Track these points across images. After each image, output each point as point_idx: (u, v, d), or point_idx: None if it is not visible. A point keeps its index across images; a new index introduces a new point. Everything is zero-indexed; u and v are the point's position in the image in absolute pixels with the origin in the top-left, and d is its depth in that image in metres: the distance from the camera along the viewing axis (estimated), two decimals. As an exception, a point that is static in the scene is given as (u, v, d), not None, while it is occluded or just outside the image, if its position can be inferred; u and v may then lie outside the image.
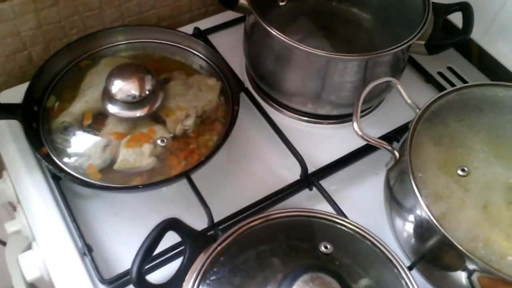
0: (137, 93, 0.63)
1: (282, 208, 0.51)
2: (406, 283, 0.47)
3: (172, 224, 0.47)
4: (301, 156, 0.68)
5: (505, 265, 0.50)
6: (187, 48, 0.74)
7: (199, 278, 0.45)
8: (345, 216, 0.63)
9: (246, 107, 0.75)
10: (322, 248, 0.46)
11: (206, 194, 0.63)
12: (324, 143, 0.74)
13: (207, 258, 0.46)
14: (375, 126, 0.74)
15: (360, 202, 0.68)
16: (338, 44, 0.76)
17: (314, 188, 0.68)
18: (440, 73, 0.84)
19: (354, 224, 0.50)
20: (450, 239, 0.49)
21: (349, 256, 0.48)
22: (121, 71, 0.64)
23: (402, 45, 0.66)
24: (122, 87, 0.62)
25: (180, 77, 0.70)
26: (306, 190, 0.69)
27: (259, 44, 0.73)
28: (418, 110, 0.58)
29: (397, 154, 0.57)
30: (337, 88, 0.70)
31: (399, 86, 0.60)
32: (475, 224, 0.52)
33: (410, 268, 0.60)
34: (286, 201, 0.68)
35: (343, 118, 0.76)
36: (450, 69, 0.85)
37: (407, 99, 0.60)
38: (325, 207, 0.66)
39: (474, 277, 0.51)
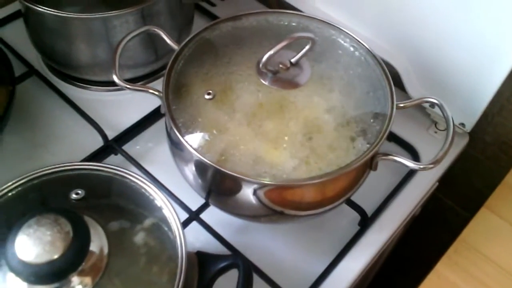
0: None
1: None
2: (170, 225, 0.46)
3: None
4: (97, 124, 0.68)
5: (280, 173, 0.50)
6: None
7: None
8: (151, 177, 0.64)
9: (43, 91, 0.74)
10: (73, 195, 0.45)
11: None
12: (125, 108, 0.73)
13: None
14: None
15: (164, 159, 0.66)
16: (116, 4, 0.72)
17: (119, 154, 0.67)
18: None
19: (111, 167, 0.49)
20: (220, 168, 0.49)
21: (111, 200, 0.48)
22: None
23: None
24: None
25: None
26: (115, 157, 0.68)
27: (34, 24, 0.71)
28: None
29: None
30: (123, 49, 0.68)
31: (157, 31, 0.59)
32: (243, 144, 0.51)
33: (205, 205, 0.61)
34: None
35: (141, 80, 0.75)
36: (246, 14, 0.85)
37: (170, 42, 0.59)
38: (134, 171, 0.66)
39: (258, 193, 0.52)
